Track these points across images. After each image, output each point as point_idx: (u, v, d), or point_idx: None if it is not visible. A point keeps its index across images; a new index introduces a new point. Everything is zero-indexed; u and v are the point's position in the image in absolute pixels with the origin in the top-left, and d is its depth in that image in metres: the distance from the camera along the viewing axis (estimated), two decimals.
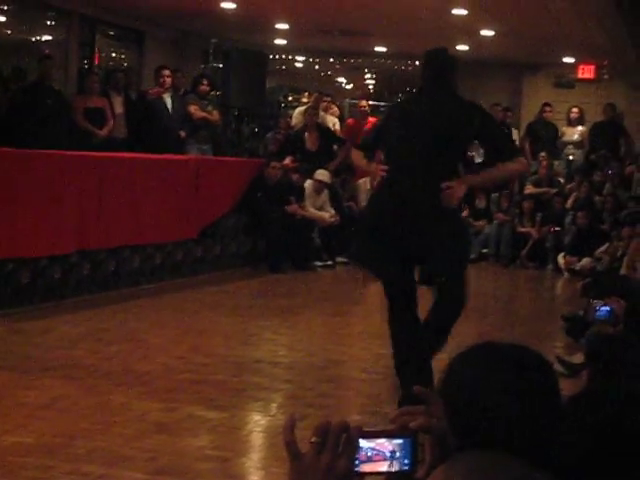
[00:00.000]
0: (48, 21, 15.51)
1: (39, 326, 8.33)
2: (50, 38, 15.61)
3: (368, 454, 1.80)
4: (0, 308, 8.68)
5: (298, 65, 21.05)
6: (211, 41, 16.57)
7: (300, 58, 20.86)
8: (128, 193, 10.50)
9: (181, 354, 7.63)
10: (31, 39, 15.32)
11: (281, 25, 16.57)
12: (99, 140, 12.59)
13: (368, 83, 21.62)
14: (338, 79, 21.73)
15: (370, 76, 21.55)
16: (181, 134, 13.50)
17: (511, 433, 1.81)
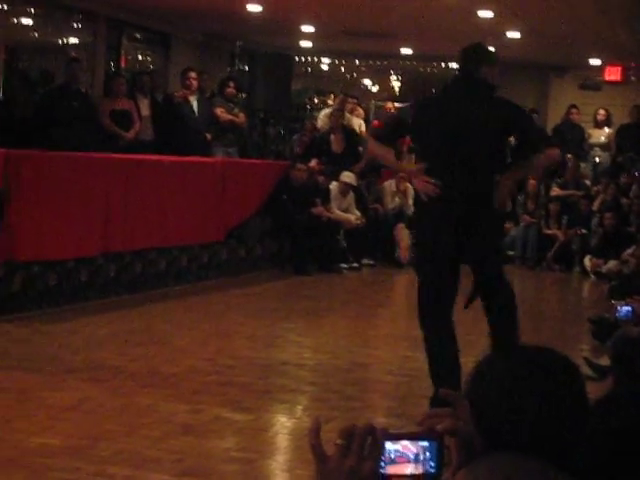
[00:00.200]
0: (75, 24, 15.57)
1: (65, 328, 8.36)
2: (77, 41, 15.68)
3: (392, 456, 1.80)
4: (27, 310, 8.73)
5: (324, 67, 21.06)
6: (237, 44, 16.60)
7: (326, 60, 20.88)
8: (154, 195, 10.53)
9: (207, 356, 7.64)
10: (58, 42, 15.38)
11: (307, 27, 16.58)
12: (126, 142, 12.61)
13: (394, 85, 21.59)
14: (364, 81, 21.72)
15: (396, 78, 21.52)
16: (207, 136, 13.54)
17: (536, 435, 1.81)
